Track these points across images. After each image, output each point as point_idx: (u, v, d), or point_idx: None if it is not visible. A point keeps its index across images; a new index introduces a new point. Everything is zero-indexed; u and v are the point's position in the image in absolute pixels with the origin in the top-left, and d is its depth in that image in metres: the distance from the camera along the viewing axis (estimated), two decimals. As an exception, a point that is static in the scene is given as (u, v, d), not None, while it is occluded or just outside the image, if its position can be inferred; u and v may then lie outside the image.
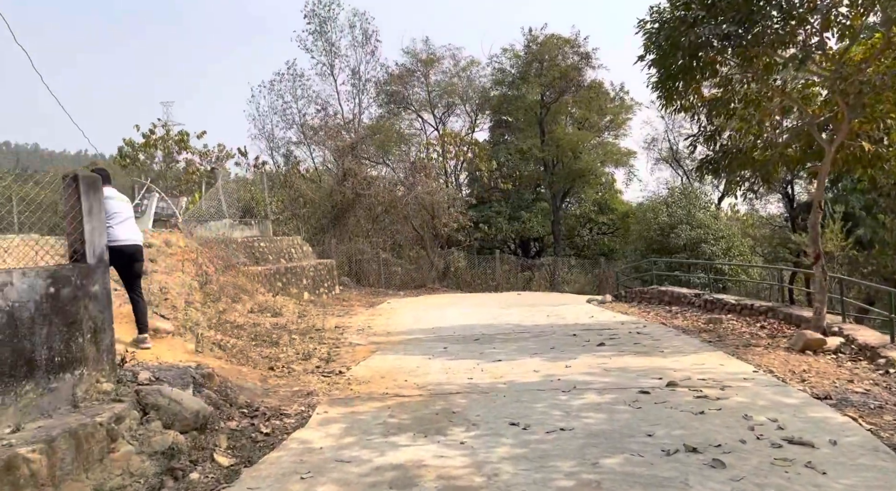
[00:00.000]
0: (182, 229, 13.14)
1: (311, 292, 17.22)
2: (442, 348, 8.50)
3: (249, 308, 11.99)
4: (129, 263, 6.16)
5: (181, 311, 8.69)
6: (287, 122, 31.98)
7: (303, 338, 9.73)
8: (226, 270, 13.13)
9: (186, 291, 9.54)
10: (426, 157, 24.28)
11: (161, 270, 9.68)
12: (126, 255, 6.01)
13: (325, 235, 21.93)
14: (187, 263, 11.07)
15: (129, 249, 6.04)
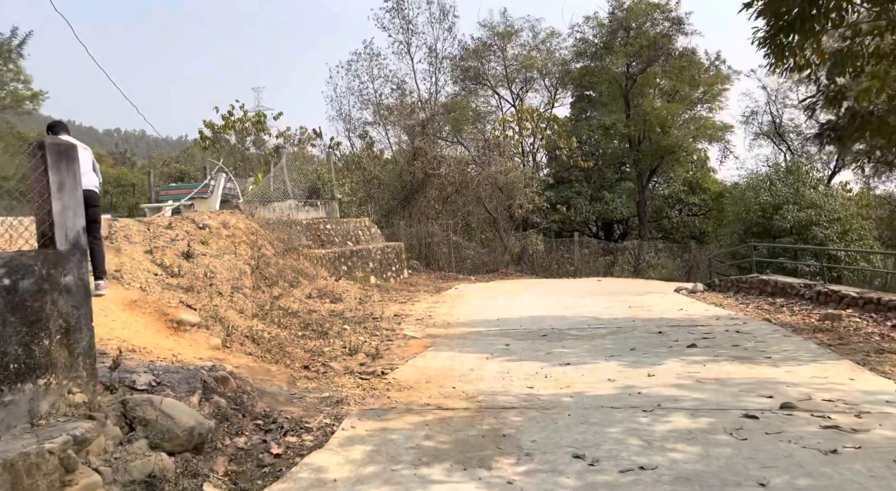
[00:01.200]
0: (243, 210, 12.76)
1: (377, 276, 16.62)
2: (504, 346, 7.48)
3: (308, 293, 11.43)
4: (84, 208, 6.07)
5: (226, 297, 8.14)
6: (363, 102, 31.67)
7: (355, 328, 9.00)
8: (286, 253, 12.65)
9: (236, 275, 9.01)
10: (501, 135, 23.02)
11: (210, 254, 9.20)
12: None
13: (393, 217, 21.31)
14: (243, 246, 10.60)
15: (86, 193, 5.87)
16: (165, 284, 7.40)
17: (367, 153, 29.14)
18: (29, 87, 29.46)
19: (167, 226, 9.46)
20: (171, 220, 9.86)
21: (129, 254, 7.75)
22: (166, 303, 6.07)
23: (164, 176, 32.65)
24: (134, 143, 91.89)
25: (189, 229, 9.81)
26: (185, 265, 8.32)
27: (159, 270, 7.77)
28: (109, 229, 8.09)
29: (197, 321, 5.98)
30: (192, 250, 8.76)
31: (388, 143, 30.97)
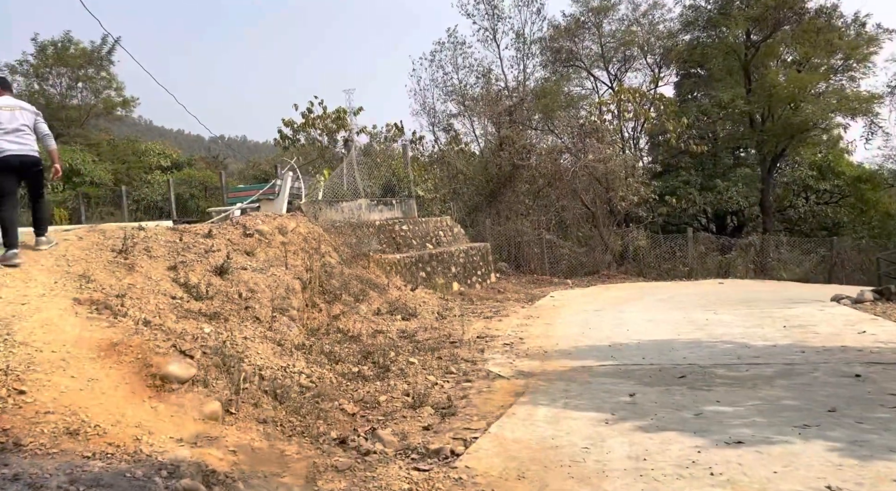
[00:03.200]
0: (305, 212, 11.24)
1: (460, 282, 14.71)
2: (627, 397, 5.28)
3: (376, 309, 9.68)
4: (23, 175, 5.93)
5: (263, 323, 6.47)
6: (447, 94, 29.98)
7: (426, 359, 7.08)
8: (354, 261, 10.98)
9: (282, 293, 7.36)
10: (599, 120, 20.44)
11: (253, 267, 7.60)
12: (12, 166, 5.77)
13: (478, 215, 19.32)
14: (298, 255, 8.98)
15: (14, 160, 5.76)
16: (183, 312, 5.81)
17: (451, 147, 27.40)
18: (121, 94, 30.05)
19: (206, 234, 7.97)
20: (213, 227, 8.38)
21: (146, 272, 6.23)
22: (154, 348, 4.40)
23: (251, 178, 32.45)
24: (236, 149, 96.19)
25: (233, 237, 8.29)
26: (217, 283, 6.73)
27: (180, 291, 6.20)
28: (129, 241, 6.63)
29: (190, 375, 4.26)
30: (229, 264, 7.17)
31: (473, 136, 29.11)
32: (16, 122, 5.82)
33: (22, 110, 5.96)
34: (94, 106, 29.05)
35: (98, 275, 5.70)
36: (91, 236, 6.54)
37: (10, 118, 5.81)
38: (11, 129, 5.77)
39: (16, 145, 5.78)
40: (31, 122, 5.99)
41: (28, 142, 5.88)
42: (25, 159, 5.82)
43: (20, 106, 6.01)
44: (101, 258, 6.10)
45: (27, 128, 5.94)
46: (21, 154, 5.79)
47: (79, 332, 4.45)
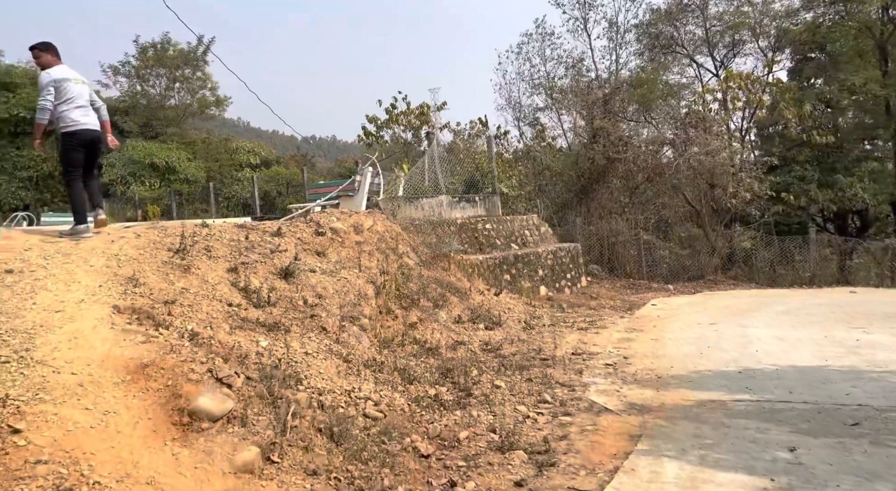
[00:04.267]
0: (383, 209, 10.48)
1: (548, 286, 13.53)
2: (786, 453, 4.01)
3: (457, 316, 8.74)
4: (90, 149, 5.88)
5: (330, 334, 5.66)
6: (534, 87, 28.74)
7: (514, 381, 6.04)
8: (433, 262, 10.10)
9: (352, 299, 6.55)
10: (704, 109, 18.51)
11: (323, 269, 6.84)
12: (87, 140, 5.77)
13: (568, 213, 17.98)
14: (374, 256, 8.19)
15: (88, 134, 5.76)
16: (239, 321, 5.09)
17: (537, 141, 26.15)
18: (214, 94, 30.86)
19: (274, 232, 7.31)
20: (283, 225, 7.72)
21: (203, 274, 5.57)
22: (187, 372, 3.63)
23: (336, 176, 32.53)
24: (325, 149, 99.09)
25: (303, 236, 7.59)
26: (281, 288, 6.00)
27: (239, 296, 5.49)
28: (188, 239, 6.02)
29: (225, 410, 3.45)
30: (296, 266, 6.44)
31: (561, 131, 27.69)
32: (83, 98, 5.81)
33: (84, 84, 5.92)
34: (190, 105, 29.95)
35: (149, 277, 5.08)
36: (149, 234, 5.98)
37: (80, 92, 5.79)
38: (82, 103, 5.76)
39: (87, 118, 5.77)
40: (88, 93, 5.97)
41: (94, 117, 5.88)
42: (95, 134, 5.85)
43: (82, 79, 5.94)
44: (156, 258, 5.50)
45: (91, 102, 5.97)
46: (92, 129, 5.82)
47: (109, 348, 3.76)
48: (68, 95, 5.62)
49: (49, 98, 5.59)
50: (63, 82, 5.67)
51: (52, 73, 5.70)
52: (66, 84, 5.67)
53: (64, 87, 5.65)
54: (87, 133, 5.71)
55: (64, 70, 5.80)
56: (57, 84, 5.64)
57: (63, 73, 5.75)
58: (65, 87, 5.65)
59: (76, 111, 5.64)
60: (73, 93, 5.66)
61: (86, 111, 5.76)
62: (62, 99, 5.62)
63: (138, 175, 24.52)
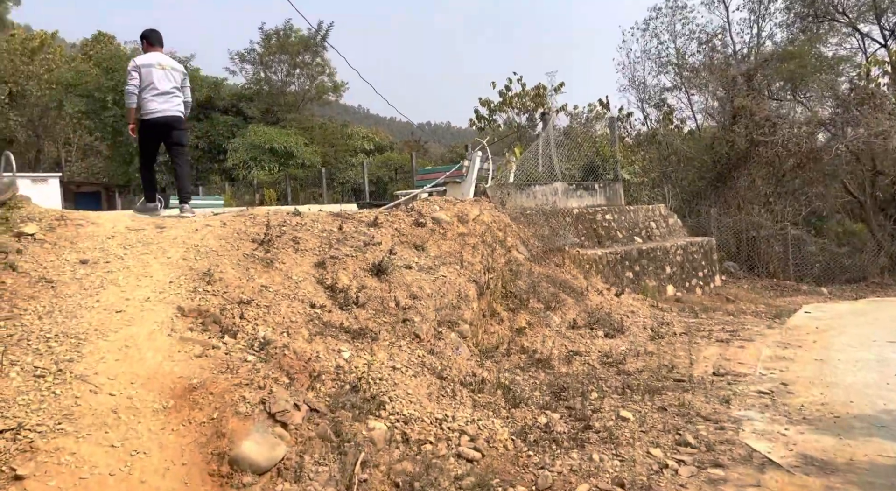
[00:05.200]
0: (491, 197, 9.59)
1: (676, 285, 12.04)
2: None
3: (572, 320, 7.71)
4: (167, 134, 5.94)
5: (424, 342, 4.90)
6: (661, 65, 26.45)
7: (644, 411, 4.96)
8: (546, 257, 9.09)
9: (452, 301, 5.75)
10: (873, 85, 15.80)
11: (420, 265, 6.09)
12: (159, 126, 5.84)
13: (699, 203, 16.11)
14: (478, 250, 7.34)
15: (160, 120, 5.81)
16: (321, 325, 4.44)
17: (663, 124, 24.05)
18: (332, 79, 31.37)
19: (371, 222, 6.66)
20: (380, 214, 7.06)
21: (287, 269, 5.00)
22: (237, 401, 2.97)
23: (447, 161, 32.08)
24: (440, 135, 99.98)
25: (402, 227, 6.89)
26: (371, 286, 5.31)
27: (323, 296, 4.86)
28: (275, 229, 5.49)
29: (275, 460, 2.72)
30: (390, 261, 5.74)
31: (690, 112, 25.29)
32: (167, 84, 5.83)
33: (174, 71, 5.94)
34: (308, 91, 30.64)
35: (226, 273, 4.55)
36: (236, 222, 5.51)
37: (164, 78, 5.83)
38: (162, 90, 5.77)
39: (163, 106, 5.80)
40: (179, 82, 5.98)
41: (175, 102, 5.89)
42: (170, 119, 5.84)
43: (172, 66, 5.97)
44: (238, 251, 4.99)
45: (176, 89, 5.94)
46: (168, 115, 5.83)
47: (159, 361, 3.20)
48: (147, 82, 5.72)
49: (133, 82, 5.73)
50: (145, 68, 5.76)
51: (137, 60, 5.90)
52: (147, 70, 5.76)
53: (145, 73, 5.73)
54: (160, 120, 5.78)
55: (150, 57, 5.95)
56: (139, 70, 5.75)
57: (148, 60, 5.86)
58: (146, 73, 5.73)
59: (154, 100, 5.74)
60: (153, 79, 5.73)
61: (166, 98, 5.79)
62: (143, 85, 5.73)
63: (259, 160, 25.35)
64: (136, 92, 5.74)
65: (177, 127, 5.93)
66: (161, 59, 5.92)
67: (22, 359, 3.00)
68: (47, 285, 3.94)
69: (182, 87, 6.03)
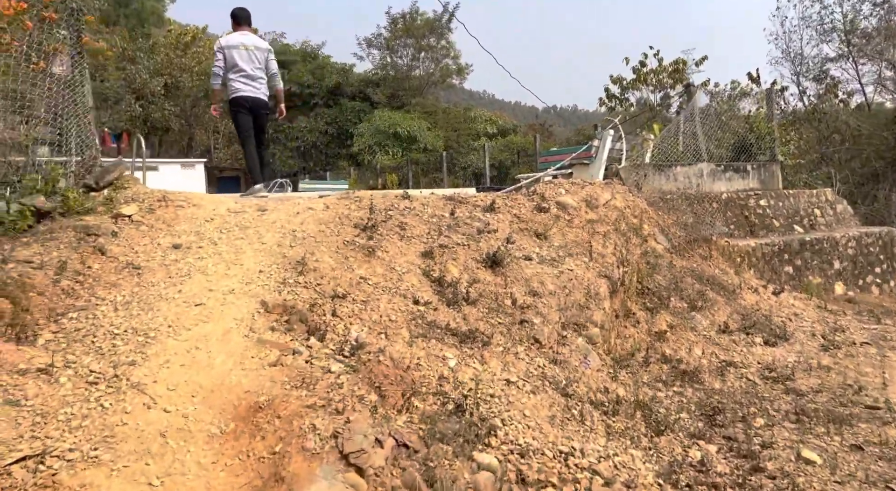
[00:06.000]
0: (624, 179, 8.49)
1: (847, 283, 10.20)
2: None
3: (722, 322, 6.54)
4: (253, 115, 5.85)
5: (545, 349, 4.13)
6: (822, 33, 23.25)
7: (831, 447, 3.85)
8: (688, 248, 7.90)
9: (579, 299, 4.91)
10: None
11: (543, 257, 5.30)
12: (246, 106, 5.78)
13: (875, 187, 13.69)
14: (609, 239, 6.40)
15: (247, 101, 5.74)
16: (425, 326, 3.82)
17: (827, 98, 21.10)
18: (456, 62, 30.95)
19: (487, 207, 5.94)
20: (498, 198, 6.32)
21: (390, 259, 4.43)
22: (307, 430, 2.38)
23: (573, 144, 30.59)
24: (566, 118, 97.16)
25: (521, 212, 6.11)
26: (485, 280, 4.61)
27: (429, 291, 4.23)
28: (381, 214, 4.95)
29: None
30: (507, 251, 5.00)
31: (859, 85, 21.99)
32: (251, 63, 5.79)
33: (257, 50, 5.87)
34: (432, 75, 30.44)
35: (322, 262, 4.05)
36: (339, 206, 5.03)
37: (247, 58, 5.78)
38: (246, 69, 5.75)
39: (248, 87, 5.75)
40: (263, 60, 5.90)
41: (259, 84, 5.85)
42: (256, 102, 5.78)
43: (255, 45, 5.88)
44: (338, 237, 4.48)
45: (260, 69, 5.88)
46: (252, 97, 5.76)
47: (229, 369, 2.71)
48: (232, 63, 5.70)
49: (218, 64, 5.76)
50: (230, 50, 5.74)
51: (222, 41, 5.89)
52: (232, 51, 5.72)
53: (230, 55, 5.70)
54: (245, 99, 5.74)
55: (236, 37, 5.89)
56: (224, 51, 5.74)
57: (233, 41, 5.86)
58: (231, 55, 5.70)
59: (238, 80, 5.72)
60: (238, 60, 5.71)
61: (250, 80, 5.77)
62: (229, 67, 5.72)
63: (383, 144, 25.55)
64: (220, 73, 5.78)
65: (260, 111, 5.90)
66: (245, 39, 5.85)
67: (79, 359, 2.63)
68: (133, 272, 3.63)
69: (267, 66, 5.94)
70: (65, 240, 3.76)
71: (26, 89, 4.58)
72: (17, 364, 2.46)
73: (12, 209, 3.97)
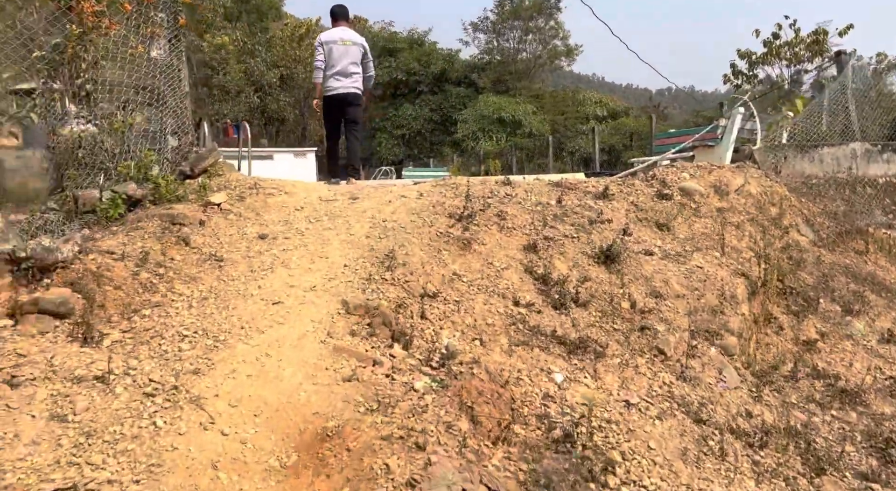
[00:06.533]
0: (760, 162, 7.42)
1: None
2: None
3: (885, 330, 5.49)
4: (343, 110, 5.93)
5: (670, 362, 3.49)
6: None
7: None
8: (838, 241, 6.78)
9: (712, 301, 4.18)
10: None
11: (664, 252, 4.60)
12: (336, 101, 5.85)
13: None
14: (743, 231, 5.54)
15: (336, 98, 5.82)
16: (526, 332, 3.32)
17: None
18: (565, 43, 29.68)
19: (599, 194, 5.28)
20: (612, 183, 5.62)
21: (487, 253, 3.95)
22: (379, 471, 1.95)
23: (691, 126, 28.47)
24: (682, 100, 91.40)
25: (639, 200, 5.39)
26: (597, 279, 4.00)
27: (532, 290, 3.71)
28: (478, 202, 4.48)
29: None
30: (624, 245, 4.35)
31: None
32: (345, 60, 5.80)
33: (353, 45, 5.88)
34: (540, 57, 29.41)
35: (412, 256, 3.65)
36: (433, 194, 4.61)
37: (342, 54, 5.79)
38: (340, 66, 5.76)
39: (340, 83, 5.77)
40: (359, 56, 5.89)
41: (353, 79, 5.84)
42: (347, 96, 5.81)
43: (352, 40, 5.89)
44: (431, 227, 4.06)
45: (355, 64, 5.87)
46: (343, 93, 5.79)
47: (298, 383, 2.36)
48: (329, 59, 5.77)
49: (319, 58, 5.83)
50: (327, 45, 5.80)
51: (322, 36, 5.96)
52: (330, 46, 5.77)
53: (327, 50, 5.76)
54: (334, 98, 5.80)
55: (334, 32, 5.91)
56: (323, 46, 5.82)
57: (330, 36, 5.88)
58: (328, 50, 5.76)
59: (332, 77, 5.78)
60: (334, 55, 5.76)
61: (344, 76, 5.80)
62: (326, 62, 5.79)
63: (487, 130, 25.03)
64: (321, 67, 5.88)
65: (352, 103, 5.95)
66: (343, 34, 5.91)
67: (140, 366, 2.39)
68: (215, 265, 3.41)
69: (363, 61, 5.99)
70: (150, 229, 3.61)
71: (126, 74, 4.52)
72: (74, 370, 2.25)
73: (104, 197, 3.89)
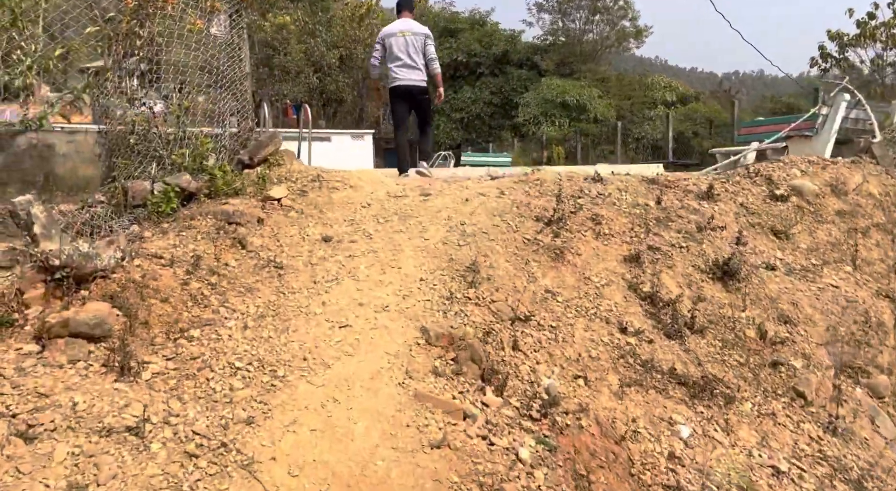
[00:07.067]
0: (879, 157, 6.50)
1: None
2: None
3: None
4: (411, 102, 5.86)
5: (814, 409, 2.86)
6: None
7: None
8: (979, 252, 5.82)
9: (853, 329, 3.48)
10: None
11: (788, 266, 3.93)
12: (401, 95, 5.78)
13: None
14: (870, 239, 4.75)
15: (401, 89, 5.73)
16: (638, 367, 2.76)
17: None
18: (635, 24, 28.28)
19: (702, 193, 4.59)
20: (715, 181, 4.91)
21: (583, 265, 3.38)
22: None
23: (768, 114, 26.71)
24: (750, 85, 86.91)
25: (747, 200, 4.68)
26: (714, 298, 3.38)
27: (639, 313, 3.13)
28: (569, 203, 3.89)
29: None
30: (741, 259, 3.68)
31: None
32: (407, 50, 5.75)
33: (414, 36, 5.82)
34: (607, 38, 28.11)
35: (498, 268, 3.12)
36: (516, 192, 4.05)
37: (403, 45, 5.75)
38: (401, 57, 5.73)
39: (403, 73, 5.72)
40: (420, 46, 5.81)
41: (415, 71, 5.79)
42: (412, 88, 5.76)
43: (412, 30, 5.82)
44: (516, 233, 3.51)
45: (417, 54, 5.78)
46: (408, 85, 5.73)
47: (374, 445, 1.88)
48: (390, 51, 5.73)
49: (375, 55, 5.82)
50: (388, 38, 5.78)
51: (383, 31, 5.92)
52: (390, 40, 5.75)
53: (388, 43, 5.74)
54: (400, 88, 5.74)
55: (396, 25, 5.86)
56: (383, 41, 5.79)
57: (390, 29, 5.84)
58: (388, 43, 5.74)
59: (395, 68, 5.74)
60: (395, 48, 5.73)
61: (407, 68, 5.74)
62: (387, 55, 5.75)
63: (549, 114, 24.10)
64: (377, 64, 5.90)
65: (418, 96, 5.85)
66: (405, 26, 5.81)
67: (184, 411, 1.96)
68: (273, 273, 2.98)
69: (425, 51, 5.83)
70: (203, 229, 3.21)
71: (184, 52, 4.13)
72: (103, 417, 1.85)
73: (156, 190, 3.52)
